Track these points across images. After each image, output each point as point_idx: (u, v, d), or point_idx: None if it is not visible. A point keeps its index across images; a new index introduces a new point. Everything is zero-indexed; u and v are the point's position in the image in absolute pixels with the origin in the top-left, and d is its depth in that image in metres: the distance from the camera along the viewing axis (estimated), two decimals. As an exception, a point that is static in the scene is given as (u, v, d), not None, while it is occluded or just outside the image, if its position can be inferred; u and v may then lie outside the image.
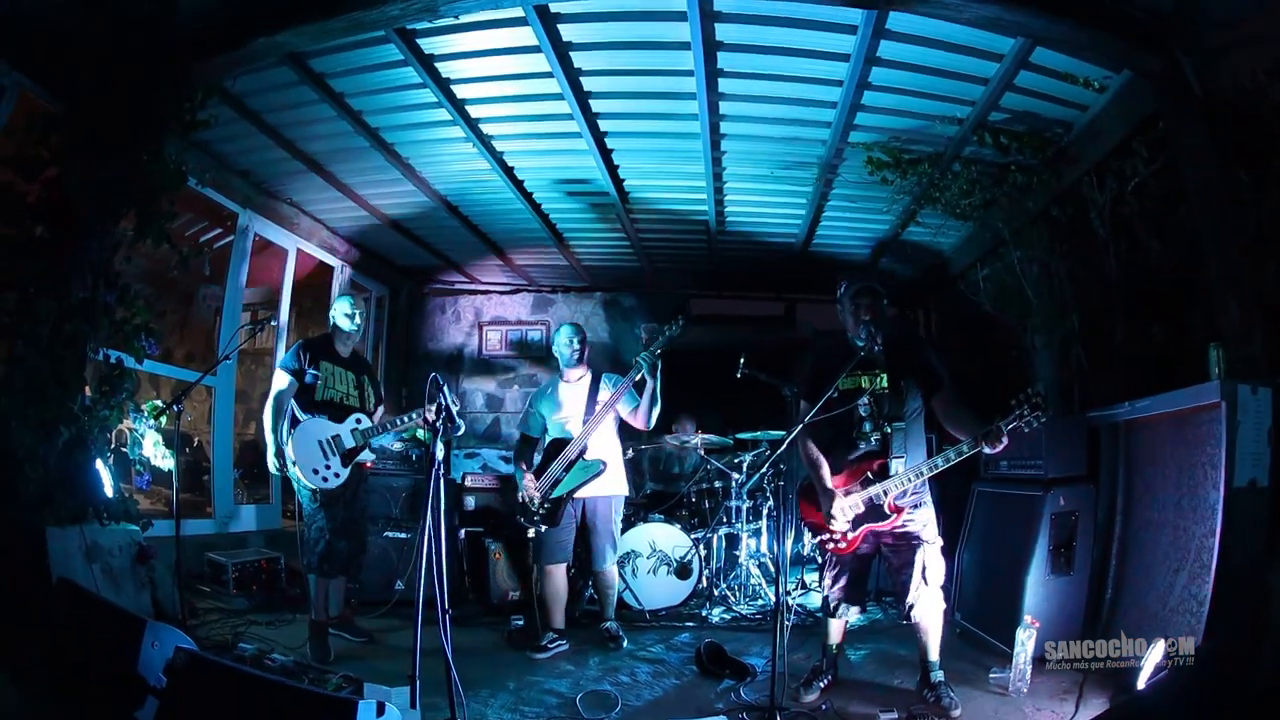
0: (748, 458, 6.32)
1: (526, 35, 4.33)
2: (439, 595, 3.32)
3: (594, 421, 4.87)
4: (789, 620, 3.56)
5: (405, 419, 4.69)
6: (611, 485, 5.02)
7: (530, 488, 4.95)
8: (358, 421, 4.76)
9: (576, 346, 5.13)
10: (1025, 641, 3.99)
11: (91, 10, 4.23)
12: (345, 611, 5.09)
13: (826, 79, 4.65)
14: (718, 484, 6.47)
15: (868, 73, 4.53)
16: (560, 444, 4.96)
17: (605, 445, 5.03)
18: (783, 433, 5.99)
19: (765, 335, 9.22)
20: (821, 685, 4.04)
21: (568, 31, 4.32)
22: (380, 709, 2.63)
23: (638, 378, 4.75)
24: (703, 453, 6.41)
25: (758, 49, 4.42)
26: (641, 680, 4.39)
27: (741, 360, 5.81)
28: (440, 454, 3.45)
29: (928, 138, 5.25)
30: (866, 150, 5.41)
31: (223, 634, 4.71)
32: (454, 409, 3.55)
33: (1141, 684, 3.47)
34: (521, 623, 5.25)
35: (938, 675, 3.86)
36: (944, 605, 3.91)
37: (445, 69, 4.72)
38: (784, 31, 4.28)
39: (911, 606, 3.83)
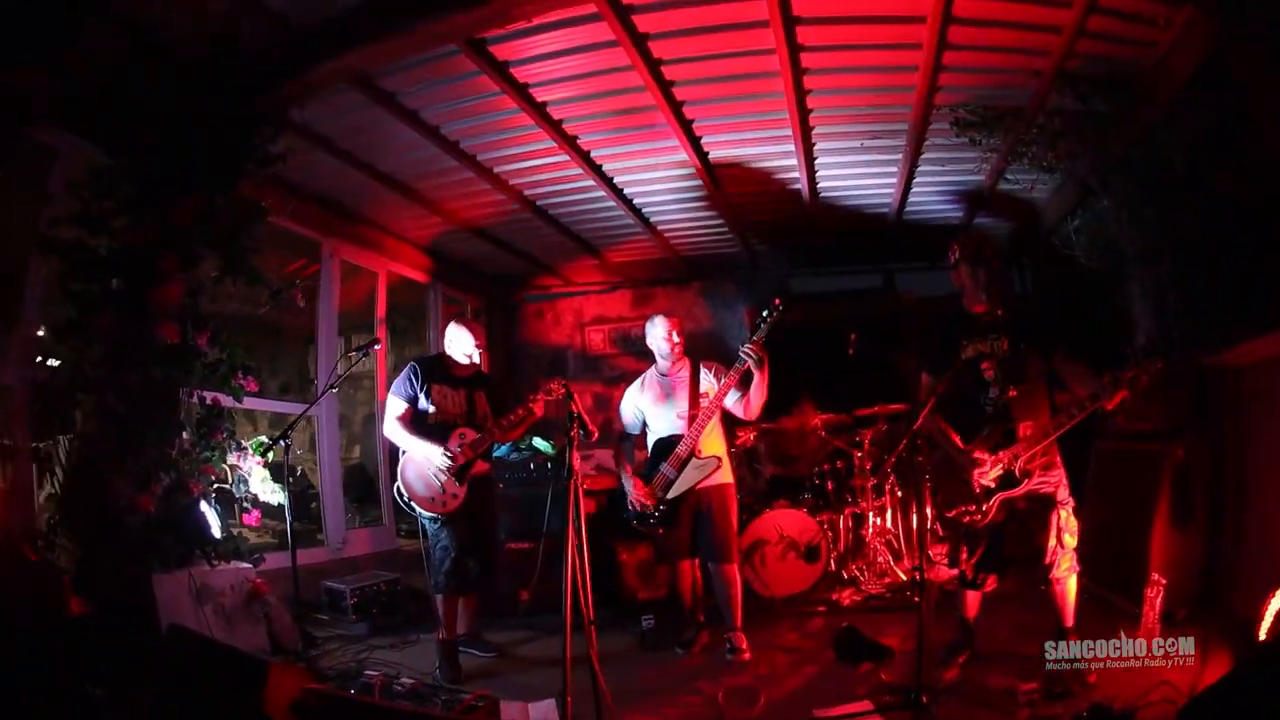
0: (868, 434, 6.22)
1: (602, 30, 4.29)
2: (584, 605, 3.34)
3: (703, 418, 4.70)
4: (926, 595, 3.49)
5: (511, 419, 4.67)
6: (724, 474, 4.83)
7: (640, 495, 4.79)
8: (462, 436, 4.64)
9: (674, 339, 4.96)
10: (1154, 600, 3.93)
11: (143, 57, 4.23)
12: (474, 627, 5.06)
13: (906, 44, 4.57)
14: (839, 464, 6.37)
15: (946, 33, 4.43)
16: (668, 442, 4.79)
17: (713, 438, 4.85)
18: (901, 406, 5.96)
19: (867, 307, 9.05)
20: (960, 660, 4.00)
21: (643, 22, 4.27)
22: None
23: (743, 368, 4.59)
24: (823, 433, 6.33)
25: (836, 19, 4.35)
26: (781, 671, 4.37)
27: (853, 337, 5.73)
28: (578, 464, 3.42)
29: (1010, 93, 5.13)
30: (952, 110, 5.32)
31: (345, 662, 4.68)
32: (585, 414, 3.52)
33: (1263, 635, 3.36)
34: (652, 622, 5.15)
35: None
36: (1079, 568, 3.84)
37: (521, 74, 4.71)
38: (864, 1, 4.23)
39: (1048, 570, 3.77)
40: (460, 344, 4.87)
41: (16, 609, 3.37)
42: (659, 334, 5.01)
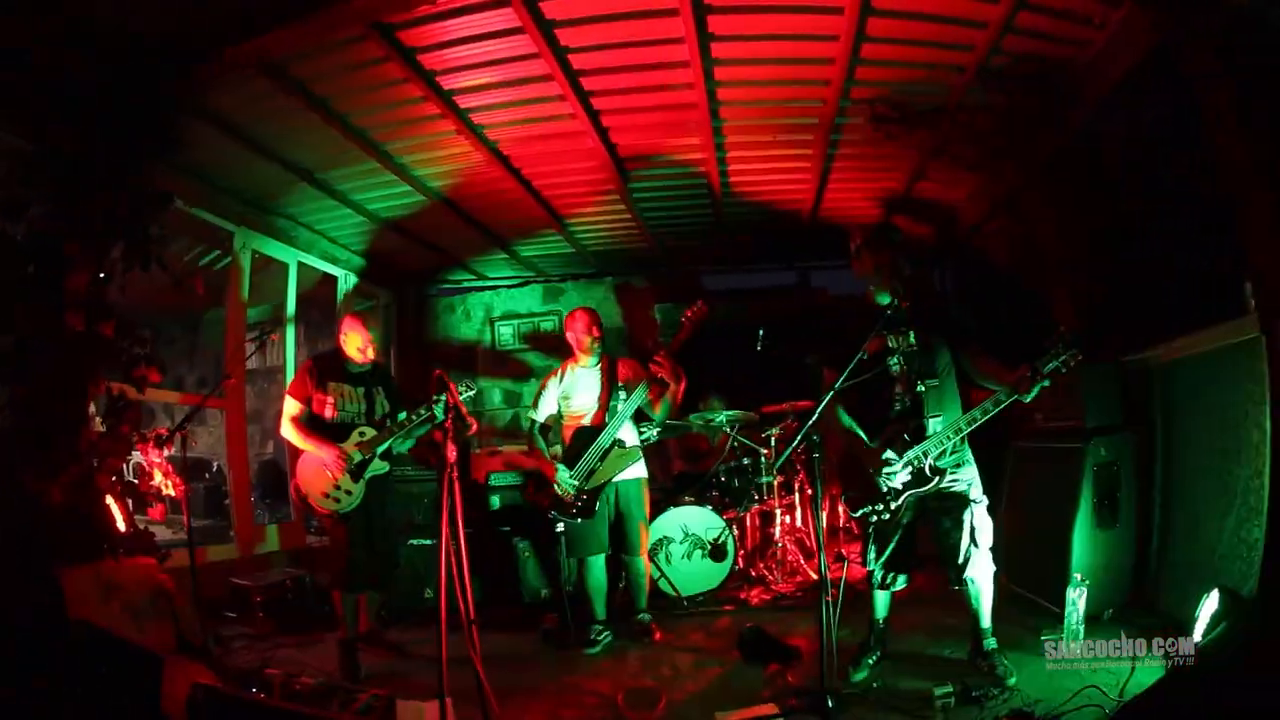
0: (776, 432, 6.20)
1: (509, 17, 4.19)
2: (463, 603, 3.25)
3: (624, 411, 4.82)
4: (830, 595, 3.40)
5: (413, 417, 4.58)
6: (641, 466, 4.98)
7: (561, 483, 4.85)
8: (361, 435, 4.61)
9: (595, 333, 5.04)
10: (1076, 600, 3.89)
11: (63, 40, 4.11)
12: (374, 626, 4.99)
13: (822, 35, 4.50)
14: (746, 461, 6.34)
15: (865, 24, 4.37)
16: (589, 432, 4.88)
17: (631, 431, 4.99)
18: (810, 403, 5.90)
19: (781, 305, 9.08)
20: (870, 662, 3.94)
21: (550, 8, 4.17)
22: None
23: (658, 372, 4.73)
24: (729, 430, 6.27)
25: (749, 9, 4.27)
26: (684, 672, 4.29)
27: (760, 333, 5.67)
28: (453, 456, 3.33)
29: (932, 88, 5.07)
30: (870, 105, 5.24)
31: (249, 660, 4.61)
32: (464, 407, 3.42)
33: (1197, 636, 3.36)
34: (556, 621, 5.13)
35: (990, 643, 3.76)
36: (994, 568, 3.78)
37: (428, 61, 4.59)
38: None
39: (961, 570, 3.70)
40: (353, 340, 4.78)
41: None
42: (580, 328, 5.06)
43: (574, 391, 5.04)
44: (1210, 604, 3.39)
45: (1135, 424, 4.60)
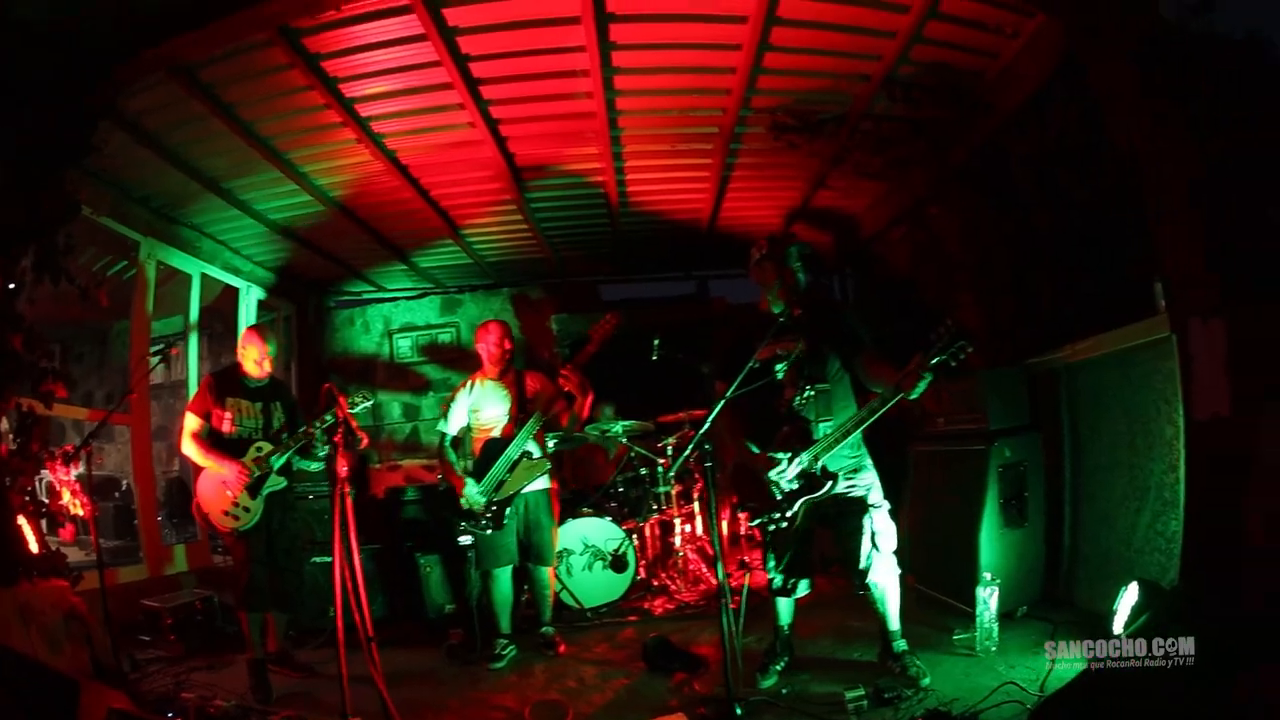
0: (672, 441, 6.18)
1: (412, 24, 4.15)
2: (360, 621, 3.19)
3: (532, 423, 4.80)
4: (733, 603, 3.39)
5: (300, 435, 4.50)
6: (548, 478, 4.96)
7: (469, 496, 4.80)
8: (258, 450, 4.51)
9: (505, 345, 5.04)
10: (987, 599, 3.94)
11: None
12: (284, 646, 4.87)
13: (725, 44, 4.52)
14: (644, 471, 6.33)
15: (769, 34, 4.39)
16: (498, 444, 4.85)
17: (538, 443, 4.96)
18: (706, 412, 5.95)
19: (678, 314, 9.10)
20: (778, 668, 3.92)
21: (453, 15, 4.14)
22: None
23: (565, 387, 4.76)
24: (625, 440, 6.23)
25: (652, 17, 4.28)
26: (590, 684, 4.23)
27: (656, 342, 5.65)
28: (343, 471, 3.27)
29: (835, 97, 5.11)
30: (771, 114, 5.27)
31: (165, 685, 4.46)
32: (354, 420, 3.36)
33: (1118, 629, 3.38)
34: (461, 636, 5.06)
35: (900, 645, 3.76)
36: (899, 571, 3.79)
37: (332, 68, 4.53)
38: (680, -2, 4.17)
39: (864, 574, 3.69)
40: (250, 353, 4.68)
41: None
42: (492, 340, 5.06)
43: (483, 404, 5.01)
44: (1130, 596, 3.41)
45: (1043, 424, 4.67)
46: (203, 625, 5.59)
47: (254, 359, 4.66)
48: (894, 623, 3.77)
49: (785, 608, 3.97)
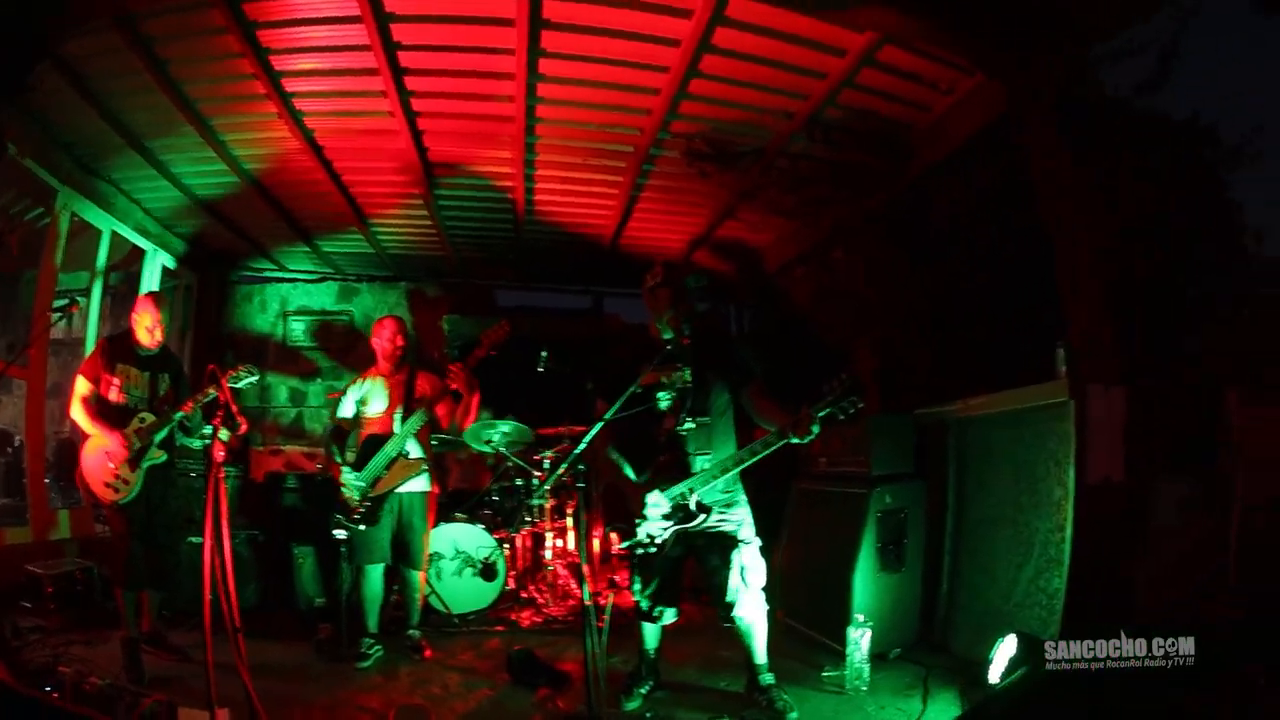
0: (550, 454, 6.13)
1: (348, 4, 4.11)
2: (227, 610, 3.13)
3: (414, 421, 4.75)
4: (599, 622, 3.38)
5: (181, 408, 4.41)
6: (427, 480, 4.90)
7: (347, 487, 4.74)
8: (141, 421, 4.41)
9: (399, 341, 5.00)
10: (858, 640, 3.98)
11: None
12: (156, 625, 4.74)
13: (653, 65, 4.55)
14: (520, 482, 6.30)
15: (699, 60, 4.43)
16: (379, 439, 4.79)
17: (420, 442, 4.92)
18: (586, 428, 5.96)
19: (572, 328, 9.12)
20: (643, 691, 3.92)
21: (391, 1, 4.11)
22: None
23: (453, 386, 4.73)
24: (504, 450, 6.12)
25: (586, 29, 4.28)
26: (454, 691, 4.20)
27: (543, 354, 5.64)
28: (220, 455, 3.20)
29: (754, 131, 5.16)
30: (688, 140, 5.31)
31: (44, 656, 4.31)
32: (235, 405, 3.30)
33: (993, 678, 3.44)
34: (329, 631, 5.00)
35: (767, 678, 3.76)
36: (766, 607, 3.78)
37: (266, 38, 4.45)
38: (618, 13, 4.16)
39: (731, 609, 3.67)
40: (143, 320, 4.58)
41: None
42: (386, 335, 5.03)
43: (371, 398, 4.97)
44: (1007, 647, 3.44)
45: (929, 474, 4.75)
46: (82, 596, 5.43)
47: (146, 326, 4.55)
48: (760, 656, 3.76)
49: (651, 632, 3.96)
